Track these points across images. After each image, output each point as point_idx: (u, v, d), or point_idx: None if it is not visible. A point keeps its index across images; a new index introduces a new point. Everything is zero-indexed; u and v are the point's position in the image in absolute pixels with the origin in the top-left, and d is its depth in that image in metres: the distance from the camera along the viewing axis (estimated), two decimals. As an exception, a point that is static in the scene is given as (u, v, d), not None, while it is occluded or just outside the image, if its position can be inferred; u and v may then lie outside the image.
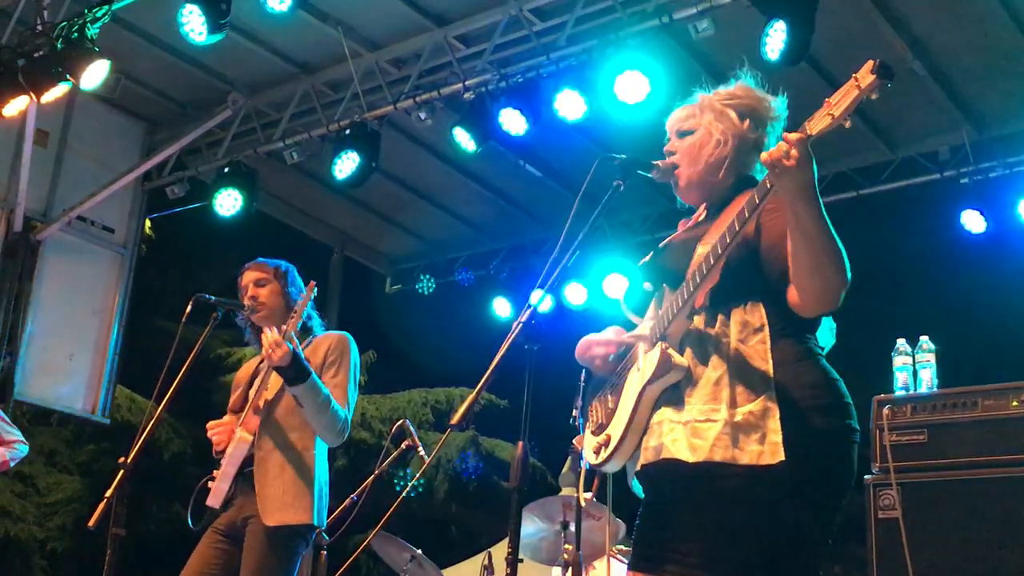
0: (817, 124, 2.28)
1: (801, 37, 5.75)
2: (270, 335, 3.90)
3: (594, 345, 2.75)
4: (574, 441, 2.81)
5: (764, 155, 2.32)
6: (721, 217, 2.65)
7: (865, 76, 2.22)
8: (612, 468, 2.65)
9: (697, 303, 2.55)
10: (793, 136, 2.28)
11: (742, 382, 2.46)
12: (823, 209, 2.37)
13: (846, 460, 2.46)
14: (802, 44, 5.81)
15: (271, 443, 4.02)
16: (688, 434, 2.44)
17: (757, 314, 2.52)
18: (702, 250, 2.56)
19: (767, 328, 2.51)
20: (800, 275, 2.43)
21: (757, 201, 2.41)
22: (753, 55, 5.94)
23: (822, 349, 2.61)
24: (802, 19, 5.71)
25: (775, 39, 5.80)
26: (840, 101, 2.25)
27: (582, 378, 2.82)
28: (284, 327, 3.94)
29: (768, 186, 2.37)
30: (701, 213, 2.81)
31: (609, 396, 2.69)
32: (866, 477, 4.70)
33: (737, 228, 2.44)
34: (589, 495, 5.15)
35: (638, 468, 2.57)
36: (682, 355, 2.53)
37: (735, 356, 2.48)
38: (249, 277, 4.31)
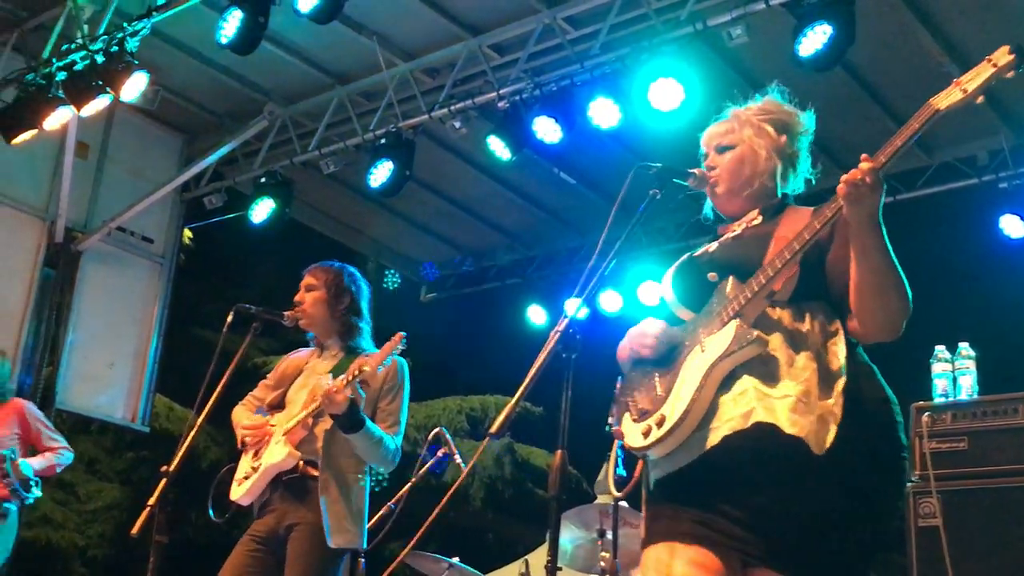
0: (946, 99, 2.36)
1: (840, 45, 5.72)
2: (326, 382, 3.90)
3: (648, 330, 2.74)
4: (612, 430, 2.73)
5: (840, 185, 2.40)
6: (783, 219, 2.72)
7: (1001, 56, 2.32)
8: (661, 452, 2.57)
9: (776, 287, 2.56)
10: (865, 165, 2.37)
11: (825, 380, 2.50)
12: (886, 237, 2.45)
13: (904, 474, 2.55)
14: (838, 51, 5.78)
15: (334, 467, 4.02)
16: (789, 408, 2.43)
17: (834, 321, 2.59)
18: (782, 240, 2.60)
19: (841, 335, 2.57)
20: (864, 306, 2.51)
21: (829, 215, 2.48)
22: (787, 62, 5.93)
23: None
24: (844, 26, 5.68)
25: (813, 40, 5.77)
26: (973, 79, 2.34)
27: (617, 386, 2.78)
28: (358, 369, 3.91)
29: (837, 208, 2.45)
30: (755, 216, 2.82)
31: (657, 383, 2.65)
32: (906, 485, 4.66)
33: (818, 227, 2.50)
34: (620, 494, 5.06)
35: (717, 441, 2.47)
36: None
37: (820, 355, 2.53)
38: (305, 280, 4.32)
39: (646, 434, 2.57)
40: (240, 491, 4.10)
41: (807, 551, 2.39)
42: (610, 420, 2.76)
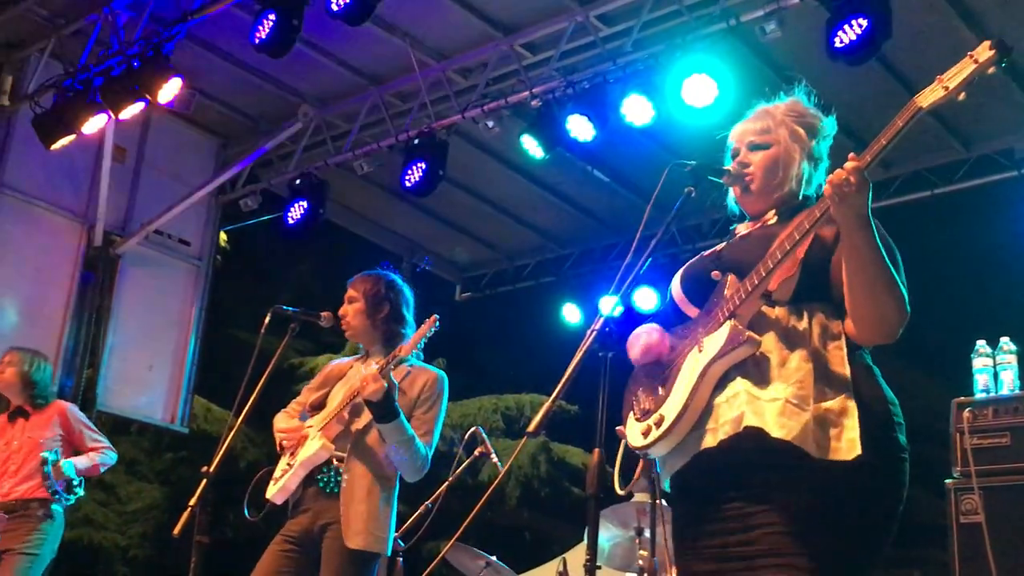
0: (929, 96, 2.38)
1: (875, 38, 5.67)
2: (366, 369, 3.93)
3: (654, 338, 2.73)
4: (616, 429, 2.74)
5: (826, 186, 2.41)
6: (799, 218, 2.67)
7: (983, 52, 2.33)
8: (660, 451, 2.60)
9: (771, 287, 2.56)
10: (850, 164, 2.39)
11: (825, 380, 2.49)
12: (877, 237, 2.45)
13: (904, 475, 2.52)
14: (874, 45, 5.72)
15: (362, 466, 4.03)
16: (777, 412, 2.44)
17: (836, 323, 2.58)
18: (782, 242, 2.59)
19: (844, 338, 2.56)
20: (856, 305, 2.50)
21: (818, 215, 2.48)
22: (821, 57, 5.88)
23: None
24: (880, 19, 5.62)
25: (847, 33, 5.72)
26: (955, 75, 2.35)
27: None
28: (390, 356, 3.95)
29: (825, 208, 2.46)
30: (771, 217, 2.81)
31: (658, 385, 2.67)
32: (947, 481, 4.61)
33: (807, 226, 2.50)
34: (622, 492, 5.02)
35: (714, 444, 2.50)
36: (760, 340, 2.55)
37: (818, 355, 2.52)
38: (347, 292, 4.34)
39: (645, 434, 2.60)
40: (274, 489, 4.13)
41: (807, 554, 2.37)
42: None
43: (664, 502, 5.18)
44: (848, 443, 2.41)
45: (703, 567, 2.53)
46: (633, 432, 2.65)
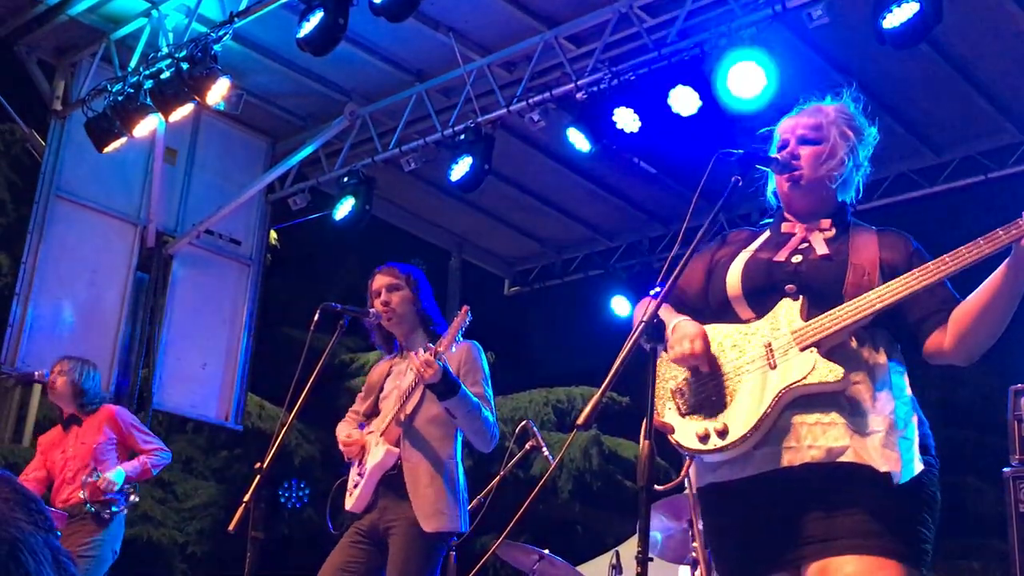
0: None
1: (926, 22, 5.58)
2: (421, 355, 3.96)
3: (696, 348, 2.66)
4: (656, 421, 2.68)
5: None
6: (853, 240, 2.72)
7: None
8: (716, 459, 2.60)
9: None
10: None
11: (905, 410, 2.56)
12: None
13: (936, 502, 2.58)
14: (924, 28, 5.63)
15: (417, 454, 4.10)
16: (879, 444, 2.49)
17: (898, 354, 2.65)
18: (858, 268, 2.62)
19: (904, 365, 2.63)
20: (979, 332, 2.55)
21: (1003, 236, 2.44)
22: (870, 44, 5.81)
23: None
24: (932, 4, 5.53)
25: (897, 15, 5.64)
26: None
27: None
28: (436, 346, 4.00)
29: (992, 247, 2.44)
30: (826, 225, 2.79)
31: (709, 383, 2.64)
32: (1005, 470, 4.54)
33: (952, 266, 2.48)
34: (660, 488, 4.97)
35: (798, 463, 2.51)
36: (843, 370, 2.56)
37: (896, 387, 2.58)
38: (381, 281, 4.37)
39: (703, 438, 2.58)
40: (351, 500, 4.20)
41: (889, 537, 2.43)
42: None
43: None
44: (915, 461, 2.51)
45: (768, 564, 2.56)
46: (685, 432, 2.62)
